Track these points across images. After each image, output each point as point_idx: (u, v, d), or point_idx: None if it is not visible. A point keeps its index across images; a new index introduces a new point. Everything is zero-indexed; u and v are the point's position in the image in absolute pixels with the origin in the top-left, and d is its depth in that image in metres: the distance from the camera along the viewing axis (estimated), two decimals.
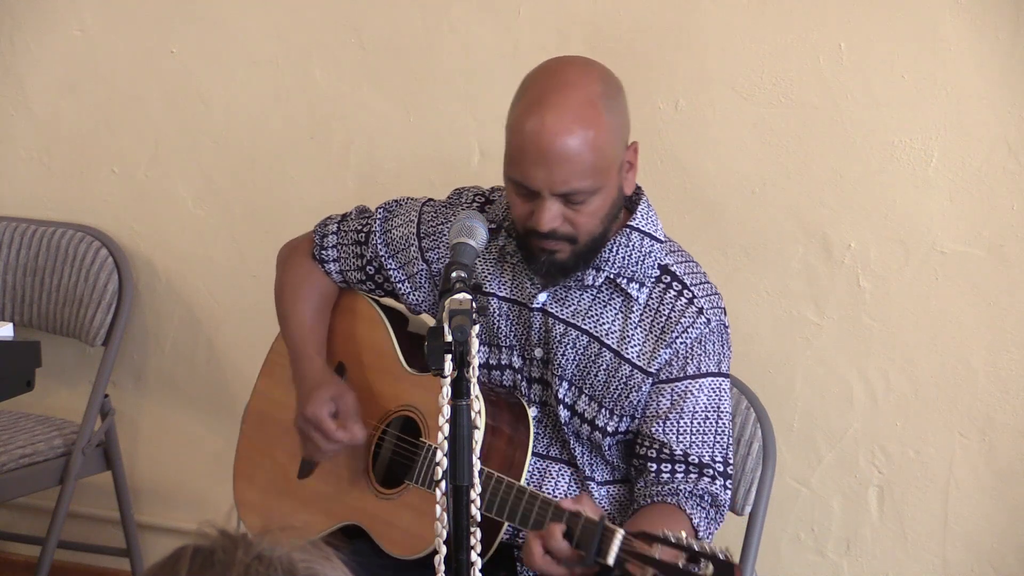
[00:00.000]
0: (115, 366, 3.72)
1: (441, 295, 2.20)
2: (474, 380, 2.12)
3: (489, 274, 2.69)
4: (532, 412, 2.66)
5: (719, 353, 2.64)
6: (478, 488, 2.14)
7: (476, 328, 2.12)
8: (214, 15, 3.61)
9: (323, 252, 2.87)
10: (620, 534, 2.29)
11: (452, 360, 2.10)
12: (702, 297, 2.64)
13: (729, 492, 2.62)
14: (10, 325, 3.03)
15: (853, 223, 3.17)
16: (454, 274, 2.24)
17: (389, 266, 2.80)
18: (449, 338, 2.10)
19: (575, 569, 2.36)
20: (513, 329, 2.68)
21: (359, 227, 2.84)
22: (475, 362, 2.11)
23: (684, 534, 2.23)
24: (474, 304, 2.16)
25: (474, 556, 2.15)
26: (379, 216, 2.83)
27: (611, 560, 2.29)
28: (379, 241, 2.81)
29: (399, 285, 2.80)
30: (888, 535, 3.25)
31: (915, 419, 3.20)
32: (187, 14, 3.63)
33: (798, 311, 3.24)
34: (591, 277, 2.62)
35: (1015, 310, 3.10)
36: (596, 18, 3.28)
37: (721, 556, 2.18)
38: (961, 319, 3.14)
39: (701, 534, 2.56)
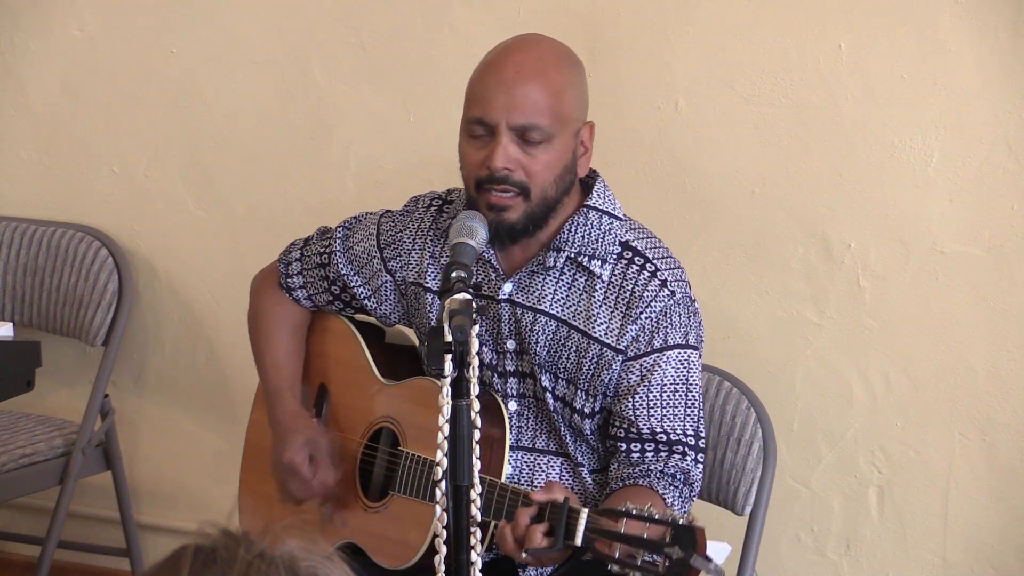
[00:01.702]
0: (115, 366, 3.72)
1: (441, 295, 2.20)
2: (474, 380, 2.12)
3: None
4: (512, 406, 2.66)
5: (686, 325, 2.63)
6: (478, 488, 2.14)
7: (476, 328, 2.12)
8: (214, 15, 3.61)
9: (289, 280, 2.86)
10: (585, 513, 2.30)
11: (452, 360, 2.10)
12: (665, 270, 2.63)
13: (701, 466, 2.61)
14: (10, 325, 3.03)
15: (853, 223, 3.17)
16: (454, 274, 2.24)
17: (353, 283, 2.79)
18: (449, 338, 2.10)
19: (548, 554, 2.36)
20: (483, 324, 2.66)
21: (321, 249, 2.84)
22: (475, 362, 2.11)
23: (648, 505, 2.23)
24: (474, 304, 2.17)
25: (474, 556, 2.15)
26: (339, 235, 2.82)
27: (579, 540, 2.30)
28: (341, 260, 2.80)
29: (366, 301, 2.80)
30: (888, 535, 3.25)
31: (915, 419, 3.20)
32: (187, 14, 3.63)
33: (798, 311, 3.24)
34: (552, 258, 2.61)
35: (1015, 310, 3.10)
36: (596, 18, 3.28)
37: (681, 521, 2.18)
38: (961, 319, 3.13)
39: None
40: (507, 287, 2.64)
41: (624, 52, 3.27)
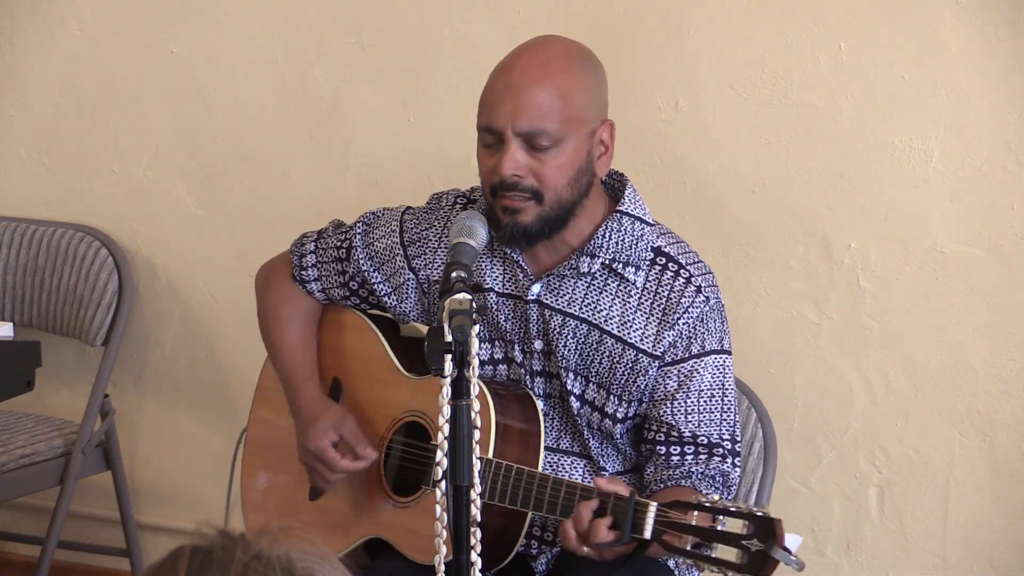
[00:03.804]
0: (115, 366, 3.72)
1: (441, 295, 2.20)
2: (474, 380, 2.11)
3: (482, 269, 2.68)
4: (539, 405, 2.65)
5: (720, 330, 2.64)
6: (478, 488, 2.13)
7: (476, 328, 2.12)
8: (214, 15, 3.61)
9: (303, 272, 2.84)
10: (654, 507, 2.29)
11: (452, 360, 2.10)
12: (698, 276, 2.64)
13: (739, 469, 2.62)
14: (10, 325, 3.03)
15: (853, 223, 3.17)
16: (454, 274, 2.24)
17: (374, 279, 2.78)
18: (449, 338, 2.10)
19: (612, 548, 2.35)
20: (511, 323, 2.66)
21: (338, 243, 2.81)
22: (475, 362, 2.11)
23: (718, 497, 2.22)
24: (474, 304, 2.16)
25: (474, 556, 2.15)
26: (359, 230, 2.80)
27: (647, 534, 2.28)
28: (361, 255, 2.78)
29: (385, 298, 2.78)
30: (888, 535, 3.25)
31: (915, 419, 3.20)
32: (187, 14, 3.63)
33: (798, 311, 3.24)
34: (586, 264, 2.61)
35: (1015, 310, 3.10)
36: (596, 18, 3.28)
37: (759, 513, 2.15)
38: (961, 319, 3.13)
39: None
40: (536, 288, 2.64)
41: (624, 52, 3.27)
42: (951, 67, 3.06)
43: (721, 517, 2.19)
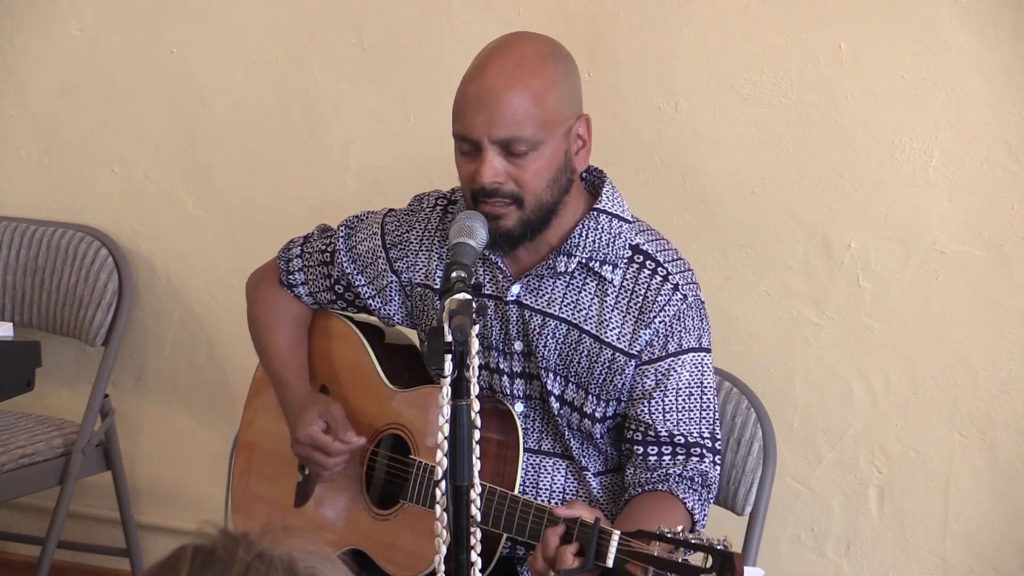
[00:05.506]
0: (115, 366, 3.72)
1: (441, 295, 2.20)
2: (474, 380, 2.11)
3: None
4: (519, 408, 2.65)
5: (699, 328, 2.63)
6: (478, 488, 2.13)
7: (476, 328, 2.11)
8: (214, 15, 3.61)
9: (290, 277, 2.85)
10: (617, 535, 2.28)
11: (452, 360, 2.10)
12: (676, 273, 2.63)
13: (719, 468, 2.61)
14: (10, 325, 3.04)
15: (853, 223, 3.17)
16: (454, 274, 2.23)
17: (358, 282, 2.78)
18: (449, 338, 2.10)
19: (580, 574, 2.35)
20: (492, 325, 2.66)
21: (323, 247, 2.82)
22: (475, 362, 2.11)
23: (681, 528, 2.23)
24: (474, 304, 2.16)
25: (474, 556, 2.14)
26: (342, 234, 2.80)
27: (610, 562, 2.29)
28: (344, 259, 2.78)
29: (370, 301, 2.78)
30: (888, 535, 3.25)
31: (915, 419, 3.20)
32: (187, 14, 3.63)
33: (798, 311, 3.24)
34: (563, 263, 2.60)
35: (1015, 310, 3.10)
36: (596, 18, 3.28)
37: (719, 547, 2.17)
38: (961, 319, 3.14)
39: (696, 517, 2.56)
40: (515, 289, 2.63)
41: (624, 52, 3.27)
42: (951, 67, 3.06)
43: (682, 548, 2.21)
